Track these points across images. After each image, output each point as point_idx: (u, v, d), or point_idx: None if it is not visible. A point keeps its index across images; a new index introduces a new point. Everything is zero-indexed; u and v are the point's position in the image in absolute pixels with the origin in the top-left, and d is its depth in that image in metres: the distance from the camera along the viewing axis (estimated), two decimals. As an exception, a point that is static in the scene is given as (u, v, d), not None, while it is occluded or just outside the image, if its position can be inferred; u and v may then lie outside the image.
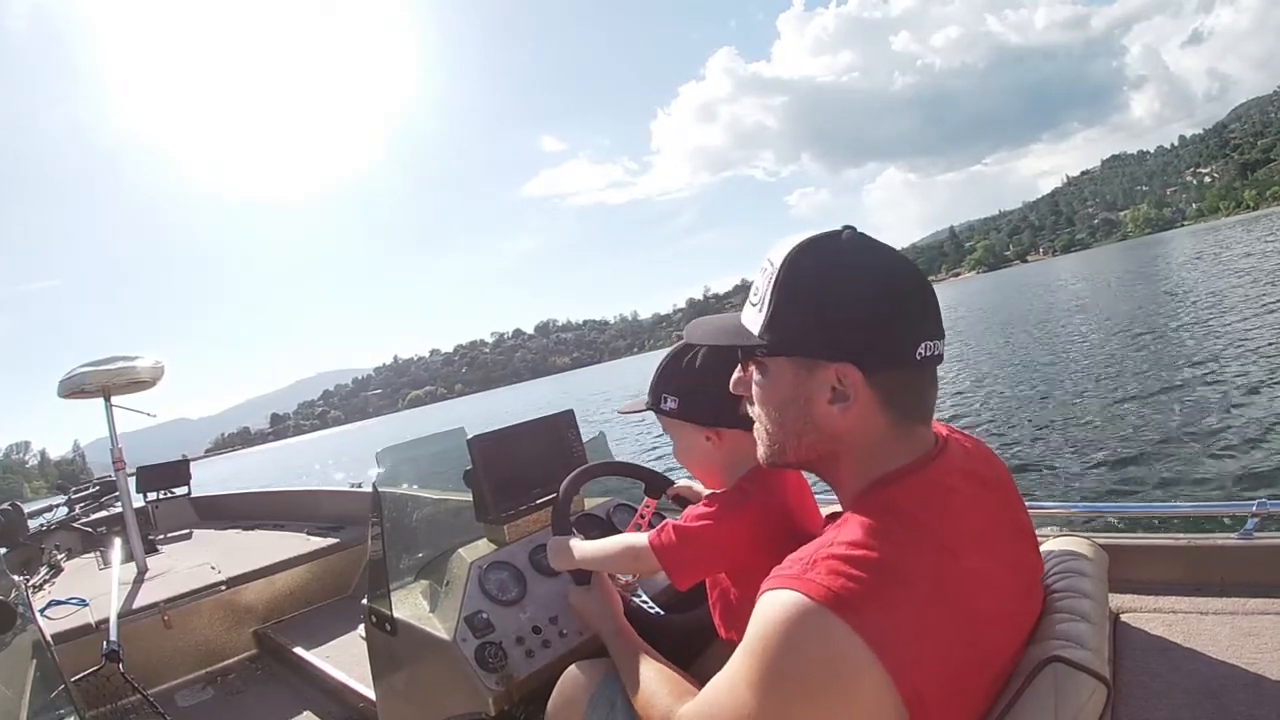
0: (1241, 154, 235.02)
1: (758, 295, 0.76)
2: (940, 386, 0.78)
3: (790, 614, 0.64)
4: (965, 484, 0.74)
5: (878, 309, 0.71)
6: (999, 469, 0.83)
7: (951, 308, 34.93)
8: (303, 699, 2.48)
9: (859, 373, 0.71)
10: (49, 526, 4.21)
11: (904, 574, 0.65)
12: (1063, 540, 1.04)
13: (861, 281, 0.71)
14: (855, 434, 0.74)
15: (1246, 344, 8.84)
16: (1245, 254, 25.57)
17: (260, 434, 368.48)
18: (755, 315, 0.77)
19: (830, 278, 0.72)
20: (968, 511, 0.72)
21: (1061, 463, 5.84)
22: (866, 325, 0.70)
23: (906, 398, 0.74)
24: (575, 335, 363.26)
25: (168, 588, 2.93)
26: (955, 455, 0.77)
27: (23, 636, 1.95)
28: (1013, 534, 0.78)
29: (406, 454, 1.75)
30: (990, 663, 0.70)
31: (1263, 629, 0.93)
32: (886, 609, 0.62)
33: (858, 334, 0.71)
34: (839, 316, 0.71)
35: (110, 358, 3.31)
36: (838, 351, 0.71)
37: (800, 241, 0.74)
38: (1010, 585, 0.73)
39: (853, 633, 0.61)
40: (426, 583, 1.54)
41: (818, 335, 0.72)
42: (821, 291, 0.72)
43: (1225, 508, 1.27)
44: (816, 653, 0.62)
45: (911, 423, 0.75)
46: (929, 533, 0.68)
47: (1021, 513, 0.82)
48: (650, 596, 1.45)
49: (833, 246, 0.73)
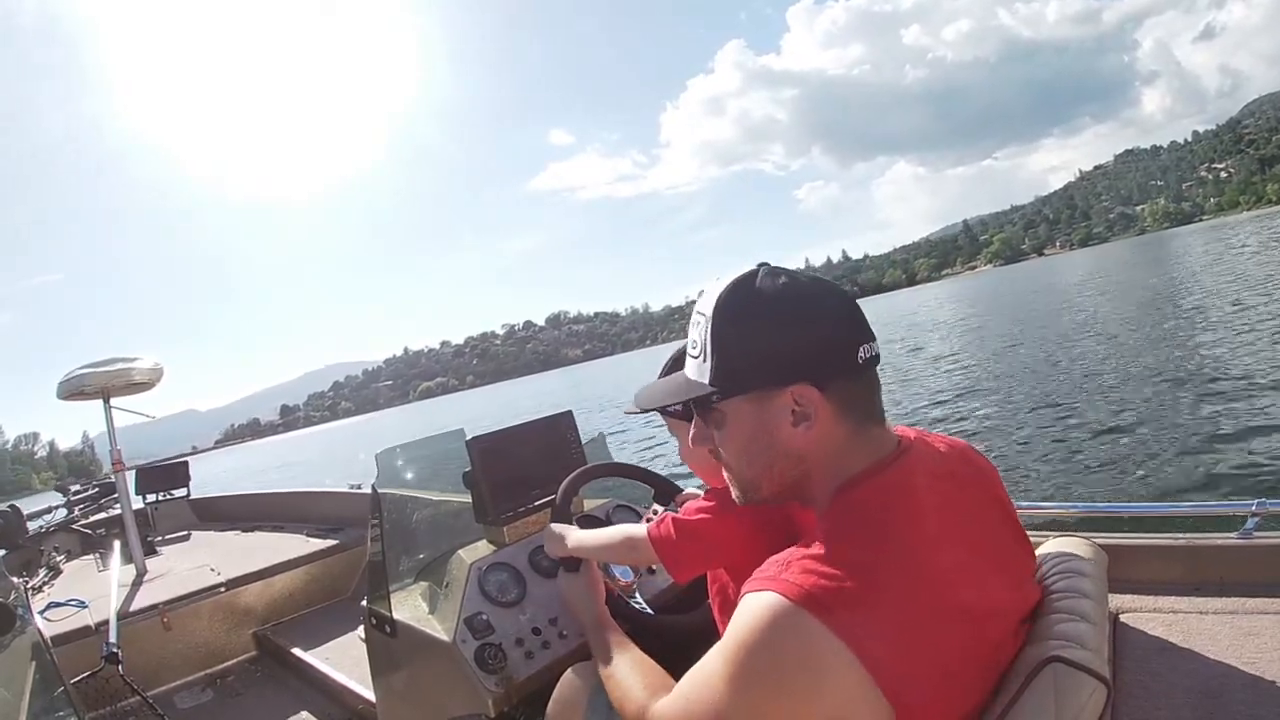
0: (1257, 149, 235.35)
1: (697, 347, 0.79)
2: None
3: (766, 613, 0.66)
4: (934, 481, 0.76)
5: (814, 326, 0.74)
6: (979, 465, 0.85)
7: (960, 303, 34.93)
8: (302, 700, 2.48)
9: (814, 389, 0.74)
10: (48, 528, 4.21)
11: (875, 571, 0.66)
12: (1062, 540, 1.04)
13: (791, 305, 0.75)
14: (821, 447, 0.76)
15: (1249, 342, 8.85)
16: (1261, 249, 25.51)
17: (270, 425, 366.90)
18: (700, 366, 0.79)
19: (762, 310, 0.75)
20: (938, 508, 0.74)
21: (1061, 463, 5.85)
22: (808, 343, 0.74)
23: (859, 402, 0.77)
24: (587, 327, 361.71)
25: (167, 589, 2.93)
26: (921, 455, 0.79)
27: (22, 638, 1.95)
28: (994, 528, 0.80)
29: (406, 455, 1.75)
30: (977, 654, 0.70)
31: (1262, 629, 0.93)
32: (861, 606, 0.64)
33: (802, 353, 0.74)
34: (781, 343, 0.74)
35: (109, 359, 3.31)
36: (789, 375, 0.74)
37: (723, 287, 0.77)
38: (993, 578, 0.74)
39: (827, 630, 0.63)
40: (426, 584, 1.54)
41: (765, 366, 0.75)
42: (758, 325, 0.75)
43: (1225, 507, 1.27)
44: (791, 650, 0.64)
45: (868, 425, 0.78)
46: (895, 530, 0.70)
47: (1006, 508, 0.84)
48: (648, 599, 1.45)
49: (754, 283, 0.77)
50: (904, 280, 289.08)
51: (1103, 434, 6.35)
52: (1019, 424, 7.47)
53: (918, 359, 15.74)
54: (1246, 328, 9.89)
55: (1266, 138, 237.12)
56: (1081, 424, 6.85)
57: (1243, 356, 8.13)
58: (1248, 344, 8.76)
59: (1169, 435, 5.90)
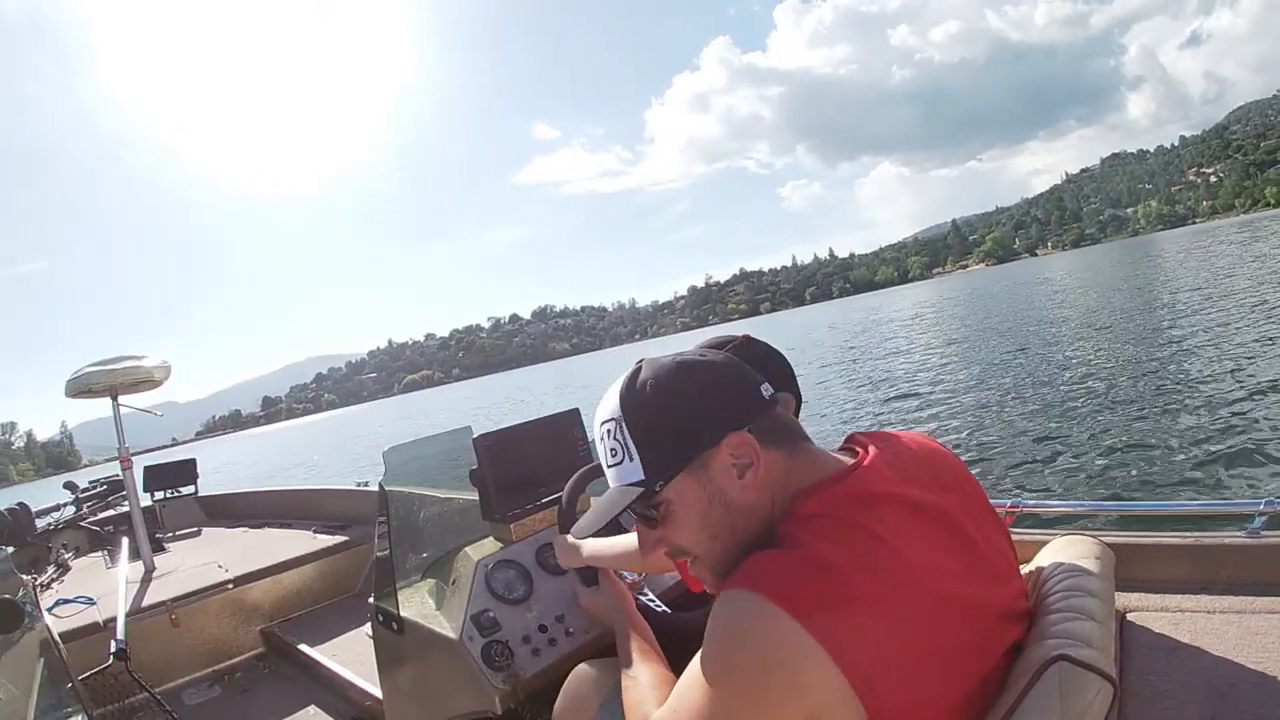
0: (1245, 155, 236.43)
1: (617, 454, 0.80)
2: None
3: (739, 612, 0.67)
4: (900, 479, 0.76)
5: (714, 382, 0.79)
6: (944, 457, 0.85)
7: (960, 303, 34.84)
8: (309, 697, 2.49)
9: (744, 433, 0.76)
10: (56, 525, 4.23)
11: (849, 570, 0.67)
12: (1068, 539, 1.04)
13: (686, 373, 0.79)
14: (769, 485, 0.77)
15: (1256, 340, 8.80)
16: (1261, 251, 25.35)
17: (252, 417, 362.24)
18: (626, 468, 0.79)
19: (662, 389, 0.78)
20: (907, 505, 0.74)
21: (1067, 462, 5.83)
22: (716, 397, 0.78)
23: (785, 431, 0.80)
24: (574, 321, 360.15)
25: (175, 586, 2.94)
26: (884, 455, 0.79)
27: (30, 635, 1.97)
28: (967, 521, 0.78)
29: (412, 453, 1.76)
30: (955, 649, 0.70)
31: (1270, 628, 0.93)
32: (835, 605, 0.65)
33: (716, 408, 0.77)
34: (693, 408, 0.77)
35: (117, 357, 3.33)
36: (716, 431, 0.76)
37: (618, 392, 0.80)
38: (968, 572, 0.74)
39: (801, 629, 0.64)
40: (433, 581, 1.55)
41: (689, 434, 0.77)
42: (666, 402, 0.78)
43: (1232, 506, 1.27)
44: (766, 649, 0.65)
45: (804, 445, 0.81)
46: (866, 529, 0.70)
47: (977, 499, 0.84)
48: (657, 595, 1.45)
49: (641, 376, 0.80)
50: (896, 278, 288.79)
51: (1110, 432, 6.32)
52: (1026, 422, 7.44)
53: (918, 359, 15.67)
54: (1257, 325, 9.83)
55: (1255, 144, 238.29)
56: (1089, 422, 6.82)
57: (1254, 354, 8.09)
58: (1258, 341, 8.72)
59: (1177, 433, 5.87)
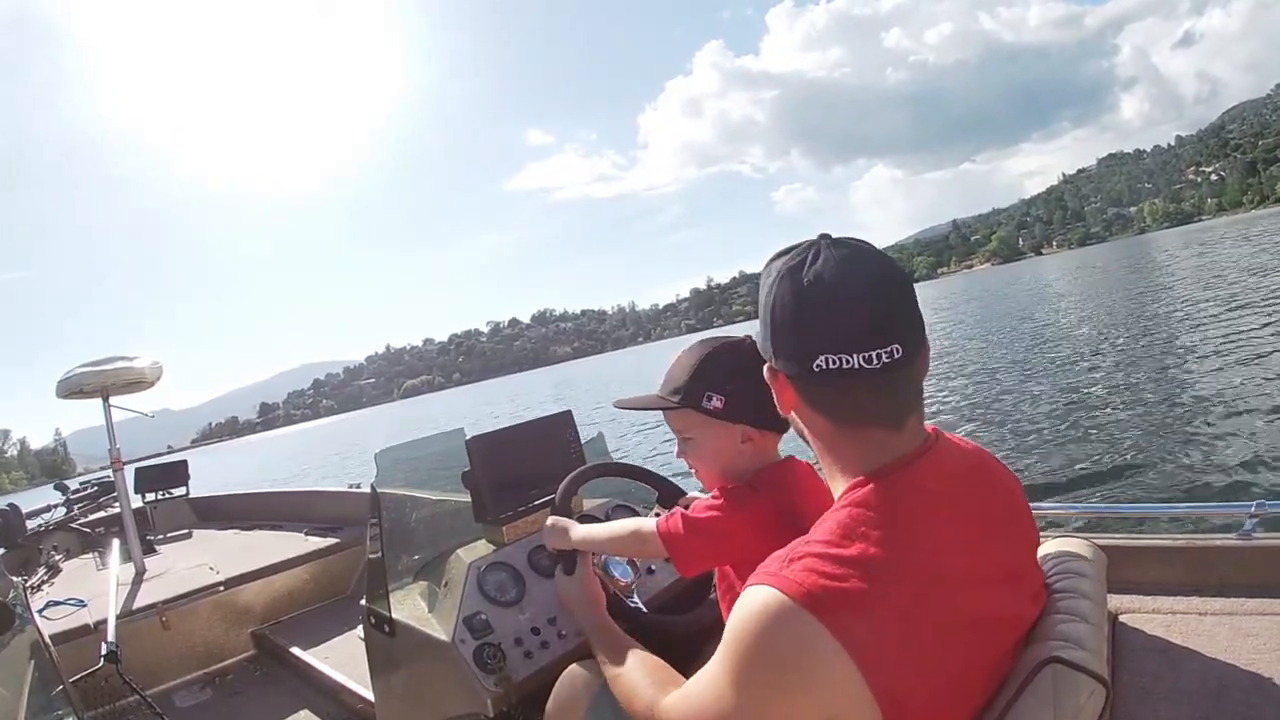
0: (1244, 153, 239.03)
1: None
2: (928, 385, 0.79)
3: (764, 610, 0.66)
4: (952, 485, 0.75)
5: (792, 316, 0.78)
6: (1000, 474, 0.83)
7: (961, 301, 34.94)
8: (301, 700, 2.48)
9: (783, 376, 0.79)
10: (47, 527, 4.20)
11: (882, 572, 0.66)
12: (1061, 541, 1.04)
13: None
14: (811, 428, 0.80)
15: (1248, 343, 8.84)
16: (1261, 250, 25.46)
17: (249, 424, 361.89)
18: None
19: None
20: (954, 512, 0.73)
21: (1060, 464, 5.84)
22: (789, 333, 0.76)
23: (837, 404, 0.76)
24: (574, 325, 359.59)
25: (166, 588, 2.92)
26: (943, 457, 0.77)
27: (21, 637, 1.95)
28: (1010, 539, 0.78)
29: (405, 455, 1.75)
30: (980, 664, 0.70)
31: (1261, 630, 0.93)
32: (863, 608, 0.64)
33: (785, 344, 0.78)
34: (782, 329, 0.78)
35: (109, 358, 3.31)
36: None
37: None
38: (1004, 589, 0.73)
39: (823, 628, 0.63)
40: (425, 584, 1.54)
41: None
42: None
43: (1223, 508, 1.27)
44: (787, 647, 0.64)
45: (866, 428, 0.75)
46: (907, 531, 0.69)
47: (1025, 521, 0.82)
48: (645, 600, 1.45)
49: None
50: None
51: (1103, 434, 6.34)
52: (1018, 422, 7.46)
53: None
54: (1252, 328, 9.89)
55: (1252, 142, 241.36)
56: (1081, 424, 6.84)
57: (1246, 357, 8.13)
58: (1251, 344, 8.76)
59: (1169, 436, 5.89)
